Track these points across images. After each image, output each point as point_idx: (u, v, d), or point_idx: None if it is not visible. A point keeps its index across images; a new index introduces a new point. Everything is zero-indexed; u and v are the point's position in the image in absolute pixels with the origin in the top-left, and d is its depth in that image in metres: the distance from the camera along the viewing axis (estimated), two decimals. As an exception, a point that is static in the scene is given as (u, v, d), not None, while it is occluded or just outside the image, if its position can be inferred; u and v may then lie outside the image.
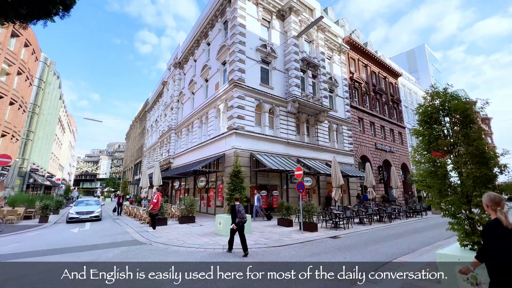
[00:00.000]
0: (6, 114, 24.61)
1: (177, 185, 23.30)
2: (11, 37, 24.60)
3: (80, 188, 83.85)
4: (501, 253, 2.10)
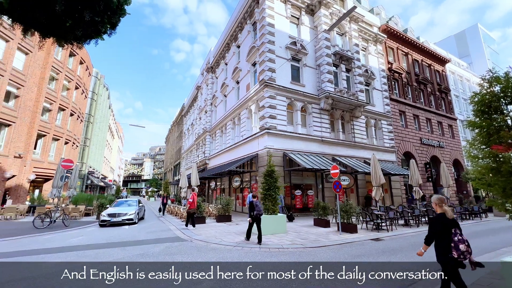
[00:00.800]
0: (68, 124, 28.23)
1: (213, 185, 24.20)
2: (69, 56, 28.15)
3: (128, 188, 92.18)
4: (446, 239, 3.04)
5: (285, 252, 6.80)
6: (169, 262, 5.88)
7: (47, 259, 6.23)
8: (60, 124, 27.08)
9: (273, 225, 9.53)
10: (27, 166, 22.59)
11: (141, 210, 15.17)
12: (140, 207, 14.85)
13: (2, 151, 20.49)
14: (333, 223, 11.64)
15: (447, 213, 3.16)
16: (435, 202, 3.36)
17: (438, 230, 3.17)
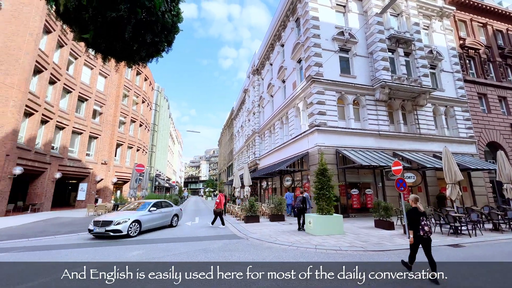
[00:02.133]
0: (138, 133, 32.62)
1: (265, 185, 24.60)
2: (136, 75, 32.52)
3: (189, 189, 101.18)
4: (417, 224, 4.56)
5: (343, 255, 6.45)
6: (230, 261, 6.21)
7: (132, 249, 7.31)
8: (132, 134, 31.48)
9: (329, 225, 9.14)
10: (111, 171, 26.95)
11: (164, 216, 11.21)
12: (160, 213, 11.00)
13: (93, 159, 24.91)
14: (398, 225, 10.52)
15: (419, 208, 4.72)
16: (412, 200, 4.90)
17: (412, 218, 4.67)
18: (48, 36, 19.37)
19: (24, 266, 5.69)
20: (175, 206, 12.89)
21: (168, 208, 11.86)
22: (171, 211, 11.88)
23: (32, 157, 17.49)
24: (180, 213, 12.76)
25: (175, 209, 12.37)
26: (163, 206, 11.60)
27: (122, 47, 5.62)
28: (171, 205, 12.35)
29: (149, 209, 10.49)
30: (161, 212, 11.09)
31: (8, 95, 15.87)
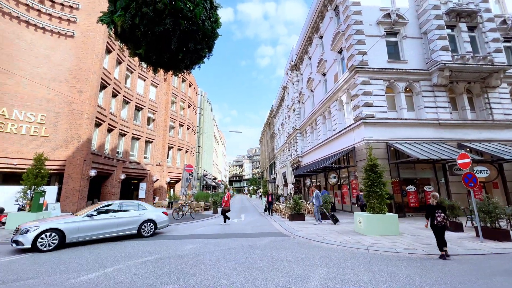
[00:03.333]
0: (186, 136, 35.11)
1: (309, 182, 24.02)
2: (182, 82, 34.99)
3: (234, 187, 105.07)
4: (432, 216, 5.99)
5: (400, 258, 5.89)
6: (278, 257, 6.24)
7: (188, 242, 7.93)
8: (181, 137, 34.03)
9: (381, 225, 8.46)
10: (165, 172, 29.61)
11: (122, 223, 8.62)
12: (113, 218, 8.50)
13: (149, 161, 27.71)
14: (467, 226, 9.18)
15: (433, 202, 6.13)
16: (431, 197, 6.28)
17: (429, 211, 6.10)
18: (109, 55, 22.23)
19: (107, 254, 6.65)
20: (151, 209, 9.67)
21: (133, 213, 9.03)
22: (138, 216, 9.05)
23: (103, 161, 20.34)
24: (160, 218, 9.57)
25: (148, 213, 9.33)
26: (122, 209, 8.93)
27: (169, 58, 6.10)
28: (142, 208, 9.43)
29: (88, 214, 8.06)
30: (114, 218, 8.48)
31: (82, 110, 18.74)
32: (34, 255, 6.56)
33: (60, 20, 19.55)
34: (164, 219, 9.84)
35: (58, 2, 19.45)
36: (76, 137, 18.35)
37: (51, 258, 6.20)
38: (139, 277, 4.71)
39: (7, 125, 16.51)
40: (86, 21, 20.36)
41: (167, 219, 10.06)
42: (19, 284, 4.45)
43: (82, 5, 20.47)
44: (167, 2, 4.87)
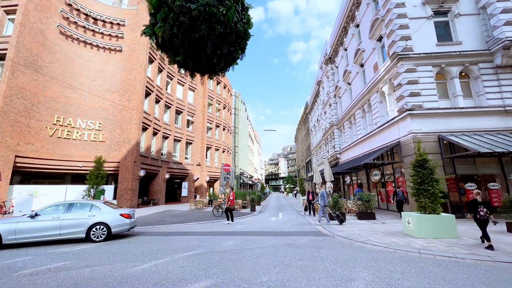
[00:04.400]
0: (222, 137, 36.33)
1: (348, 180, 22.89)
2: (217, 85, 36.27)
3: (270, 186, 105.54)
4: (475, 211, 6.38)
5: (460, 264, 5.25)
6: (317, 256, 6.10)
7: (228, 239, 8.24)
8: (218, 137, 35.32)
9: (435, 227, 7.64)
10: (204, 171, 31.09)
11: (68, 225, 7.89)
12: (56, 220, 7.86)
13: (190, 161, 29.37)
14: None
15: (478, 199, 6.44)
16: (475, 193, 6.65)
17: (472, 207, 6.50)
18: (152, 64, 24.13)
19: (156, 247, 7.28)
20: (107, 210, 8.54)
21: (81, 214, 8.20)
22: (86, 218, 8.16)
23: (149, 162, 22.22)
24: (115, 222, 8.37)
25: (100, 215, 8.33)
26: (72, 211, 8.22)
27: (205, 62, 6.37)
28: (95, 209, 8.46)
29: (30, 215, 7.80)
30: (57, 219, 7.87)
31: (131, 116, 20.72)
32: (100, 245, 7.49)
33: (110, 37, 21.86)
34: (121, 223, 8.42)
35: (108, 21, 21.78)
36: (127, 141, 20.36)
37: (111, 249, 7.00)
38: (186, 270, 5.04)
39: (73, 132, 19.10)
40: (131, 35, 22.42)
41: (127, 222, 8.59)
42: (88, 270, 5.13)
43: (127, 21, 22.59)
44: (201, 9, 5.09)
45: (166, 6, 5.27)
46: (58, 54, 19.02)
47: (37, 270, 5.20)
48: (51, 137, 18.03)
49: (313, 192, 14.26)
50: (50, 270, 5.15)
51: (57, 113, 18.53)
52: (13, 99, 15.91)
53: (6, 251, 6.94)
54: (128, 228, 8.81)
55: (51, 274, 4.89)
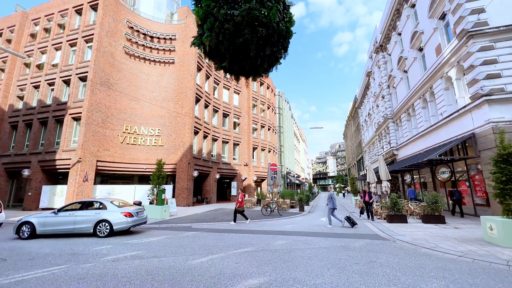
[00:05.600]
0: (268, 137, 36.67)
1: (408, 179, 20.56)
2: (260, 86, 36.81)
3: (318, 185, 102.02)
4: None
5: None
6: (375, 261, 5.67)
7: (278, 238, 8.30)
8: (263, 137, 35.79)
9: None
10: (251, 171, 31.89)
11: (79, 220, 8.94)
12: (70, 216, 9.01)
13: (238, 162, 30.48)
14: None
15: None
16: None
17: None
18: (200, 72, 25.89)
19: (212, 243, 7.80)
20: (112, 209, 9.29)
21: (90, 212, 9.22)
22: (94, 215, 9.06)
23: (202, 163, 23.87)
24: (117, 220, 8.98)
25: (104, 213, 9.09)
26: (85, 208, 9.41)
27: (249, 65, 6.55)
28: (101, 208, 9.42)
29: (54, 211, 9.21)
30: (72, 215, 9.03)
31: (184, 122, 22.60)
32: (164, 239, 8.38)
33: (164, 51, 24.26)
34: (122, 221, 9.02)
35: (162, 38, 24.21)
36: (182, 144, 22.27)
37: (173, 243, 7.75)
38: (240, 266, 5.25)
39: (138, 139, 21.81)
40: (182, 47, 24.46)
41: (127, 221, 9.11)
42: (156, 260, 5.78)
43: (178, 35, 24.73)
44: (244, 14, 5.24)
45: (211, 16, 5.60)
46: (124, 72, 21.99)
47: (117, 257, 6.11)
48: (121, 143, 20.95)
49: (369, 192, 12.61)
50: (127, 258, 5.98)
51: (125, 123, 21.43)
52: (93, 113, 19.02)
53: (92, 240, 8.32)
54: (130, 226, 9.23)
55: (127, 261, 5.68)
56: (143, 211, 10.22)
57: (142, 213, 10.02)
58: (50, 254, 6.42)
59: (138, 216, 9.63)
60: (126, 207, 9.66)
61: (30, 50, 22.66)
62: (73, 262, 5.70)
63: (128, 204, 10.35)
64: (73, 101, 19.49)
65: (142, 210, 10.11)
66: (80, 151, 17.88)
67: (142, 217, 9.90)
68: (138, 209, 9.85)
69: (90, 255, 6.35)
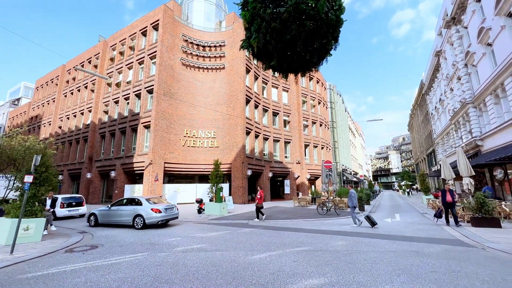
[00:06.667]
0: (319, 133, 35.31)
1: (500, 174, 16.93)
2: (309, 81, 35.67)
3: (379, 183, 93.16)
4: None
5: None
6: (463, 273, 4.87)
7: (337, 239, 7.93)
8: (315, 134, 34.62)
9: None
10: (304, 169, 31.24)
11: (123, 214, 10.72)
12: (118, 210, 10.90)
13: (290, 160, 30.25)
14: None
15: None
16: None
17: None
18: (248, 74, 26.64)
19: (269, 240, 7.97)
20: (146, 206, 10.49)
21: (129, 207, 10.74)
22: (132, 210, 10.50)
23: (254, 162, 24.53)
24: (148, 215, 10.14)
25: (139, 209, 10.38)
26: (129, 204, 11.01)
27: (298, 61, 6.41)
28: (138, 204, 10.73)
29: (108, 206, 11.24)
30: (119, 210, 10.78)
31: (236, 123, 23.62)
32: (224, 234, 8.94)
33: (215, 58, 25.82)
34: (152, 216, 10.15)
35: (213, 46, 25.82)
36: (235, 145, 23.32)
37: (233, 239, 8.18)
38: (298, 264, 5.20)
39: (197, 141, 23.79)
40: (230, 52, 25.62)
41: (157, 216, 10.24)
42: (219, 253, 6.21)
43: (226, 41, 26.00)
44: (290, 9, 5.16)
45: (258, 17, 5.68)
46: (182, 81, 24.28)
47: (186, 248, 6.79)
48: (183, 146, 23.20)
49: (451, 190, 10.17)
50: (194, 250, 6.59)
51: (186, 127, 23.64)
52: (159, 120, 21.59)
53: (164, 232, 9.44)
54: (159, 220, 10.33)
55: (194, 253, 6.26)
56: (173, 208, 11.32)
57: (171, 210, 11.09)
58: (134, 243, 7.57)
59: (167, 212, 10.72)
60: (157, 204, 10.78)
61: (110, 72, 27.13)
62: (151, 250, 6.59)
63: (162, 202, 11.63)
64: (143, 111, 22.54)
65: (171, 207, 11.21)
66: (151, 155, 20.54)
67: (171, 213, 11.01)
68: (167, 206, 10.94)
69: (164, 245, 7.22)
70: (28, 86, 54.06)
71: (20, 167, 13.83)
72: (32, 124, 37.34)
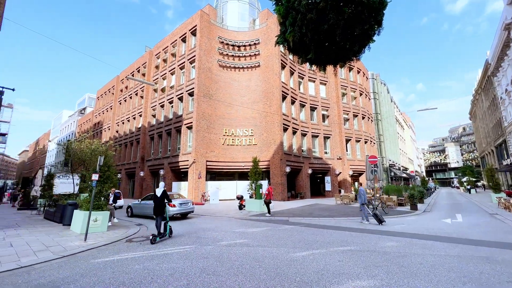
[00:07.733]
0: (362, 126, 33.13)
1: None
2: (349, 71, 33.72)
3: (434, 179, 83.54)
4: None
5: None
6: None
7: (386, 239, 7.37)
8: (357, 128, 32.63)
9: None
10: (346, 165, 29.75)
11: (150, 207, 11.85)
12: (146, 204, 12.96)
13: (330, 156, 29.09)
14: None
15: None
16: None
17: None
18: (284, 70, 26.29)
19: (311, 238, 7.82)
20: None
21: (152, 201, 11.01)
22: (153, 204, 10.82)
23: (293, 159, 24.20)
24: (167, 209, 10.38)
25: None
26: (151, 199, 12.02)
27: (337, 51, 6.08)
28: None
29: (139, 200, 13.67)
30: (145, 204, 12.73)
31: (273, 120, 23.58)
32: (264, 231, 9.04)
33: (251, 57, 26.08)
34: (169, 210, 10.75)
35: (247, 45, 26.12)
36: (273, 142, 23.32)
37: (274, 235, 8.22)
38: (344, 264, 4.97)
39: (235, 140, 24.45)
40: (265, 49, 25.59)
41: (173, 210, 11.48)
42: (261, 249, 6.31)
43: (261, 39, 26.04)
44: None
45: (293, 10, 5.54)
46: (220, 82, 25.16)
47: (230, 243, 7.06)
48: (223, 145, 24.08)
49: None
50: (237, 245, 6.82)
51: (224, 127, 24.48)
52: (200, 121, 22.77)
53: (208, 226, 9.94)
54: (173, 214, 11.56)
55: (238, 248, 6.47)
56: (188, 203, 12.65)
57: (186, 205, 12.47)
58: (182, 236, 8.15)
59: (181, 207, 12.15)
60: (175, 199, 12.30)
61: (156, 78, 29.54)
62: (197, 244, 7.02)
63: (182, 197, 13.57)
64: (186, 113, 24.03)
65: (186, 202, 12.58)
66: (194, 154, 21.83)
67: (186, 208, 12.43)
68: (182, 201, 12.36)
69: (209, 239, 7.62)
70: (91, 96, 62.20)
71: (88, 167, 16.02)
72: (96, 129, 42.91)
